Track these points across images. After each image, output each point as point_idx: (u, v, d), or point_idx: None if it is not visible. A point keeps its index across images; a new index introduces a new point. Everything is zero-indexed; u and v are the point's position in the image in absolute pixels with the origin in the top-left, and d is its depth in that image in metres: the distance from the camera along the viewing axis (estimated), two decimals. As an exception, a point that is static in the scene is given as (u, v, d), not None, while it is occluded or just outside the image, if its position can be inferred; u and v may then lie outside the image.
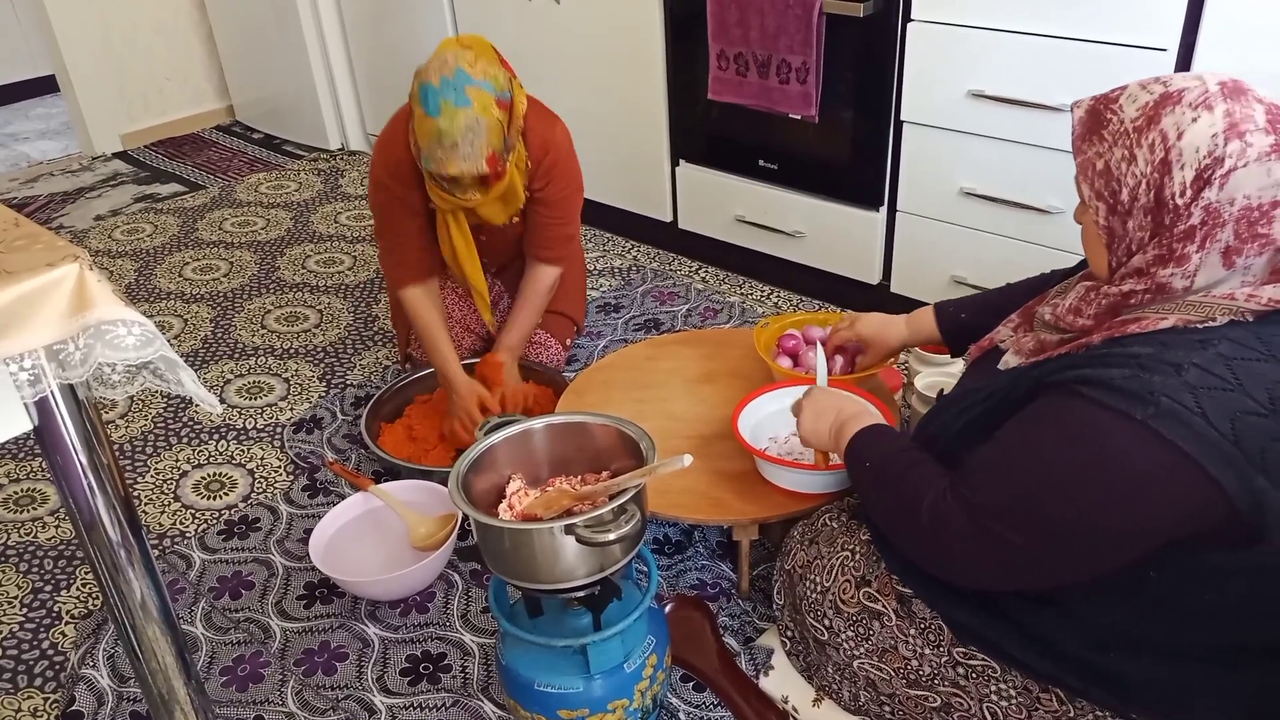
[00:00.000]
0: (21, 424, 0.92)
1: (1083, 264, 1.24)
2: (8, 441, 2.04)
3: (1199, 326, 0.96)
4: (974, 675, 1.15)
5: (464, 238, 1.92)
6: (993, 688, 1.14)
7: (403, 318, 2.15)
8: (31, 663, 1.59)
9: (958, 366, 1.81)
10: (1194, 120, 0.95)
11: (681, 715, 1.42)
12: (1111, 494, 0.94)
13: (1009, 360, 1.16)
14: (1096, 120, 1.03)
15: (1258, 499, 0.91)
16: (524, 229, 2.01)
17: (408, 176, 1.83)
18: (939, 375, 1.87)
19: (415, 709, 1.46)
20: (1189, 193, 0.95)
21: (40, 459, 2.05)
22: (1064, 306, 1.10)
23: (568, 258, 2.03)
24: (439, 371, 1.96)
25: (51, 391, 0.90)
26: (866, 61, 2.11)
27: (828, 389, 1.43)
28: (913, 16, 2.01)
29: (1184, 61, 1.73)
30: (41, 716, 1.50)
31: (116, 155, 3.81)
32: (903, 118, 2.11)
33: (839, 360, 1.73)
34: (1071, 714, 1.10)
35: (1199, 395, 0.91)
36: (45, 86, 4.45)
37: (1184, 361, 0.93)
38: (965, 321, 1.48)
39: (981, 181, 2.06)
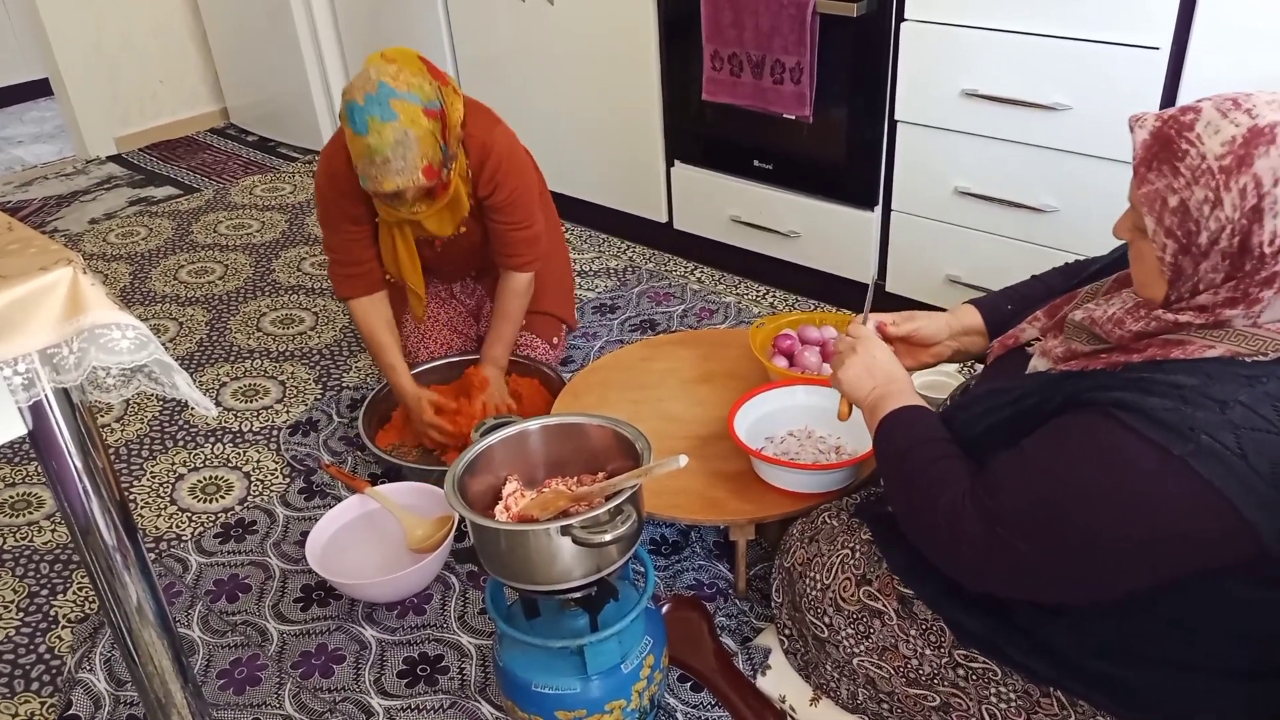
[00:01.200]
0: (16, 428, 0.91)
1: (1115, 261, 1.20)
2: (2, 445, 2.04)
3: (1248, 360, 0.92)
4: (974, 677, 1.15)
5: (409, 251, 1.92)
6: (993, 690, 1.14)
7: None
8: (28, 667, 1.59)
9: (952, 366, 1.81)
10: None
11: (679, 715, 1.42)
12: (1136, 522, 0.92)
13: (1036, 364, 1.13)
14: (1168, 149, 0.95)
15: None
16: (482, 237, 1.99)
17: (350, 189, 1.80)
18: (936, 374, 1.87)
19: (413, 711, 1.46)
20: (1279, 241, 0.91)
21: (36, 463, 2.05)
22: (1104, 314, 1.04)
23: (540, 258, 2.00)
24: (391, 381, 1.97)
25: (46, 395, 0.90)
26: (860, 61, 2.11)
27: (885, 346, 1.31)
28: (906, 16, 2.01)
29: (1176, 61, 1.73)
30: (38, 721, 1.50)
31: (111, 158, 3.81)
32: (897, 117, 2.11)
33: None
34: (1072, 718, 1.10)
35: (1241, 436, 0.88)
36: (39, 90, 4.44)
37: (1230, 399, 0.89)
38: (1011, 313, 1.36)
39: (976, 181, 2.06)
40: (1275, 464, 0.88)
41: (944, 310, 1.45)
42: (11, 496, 1.98)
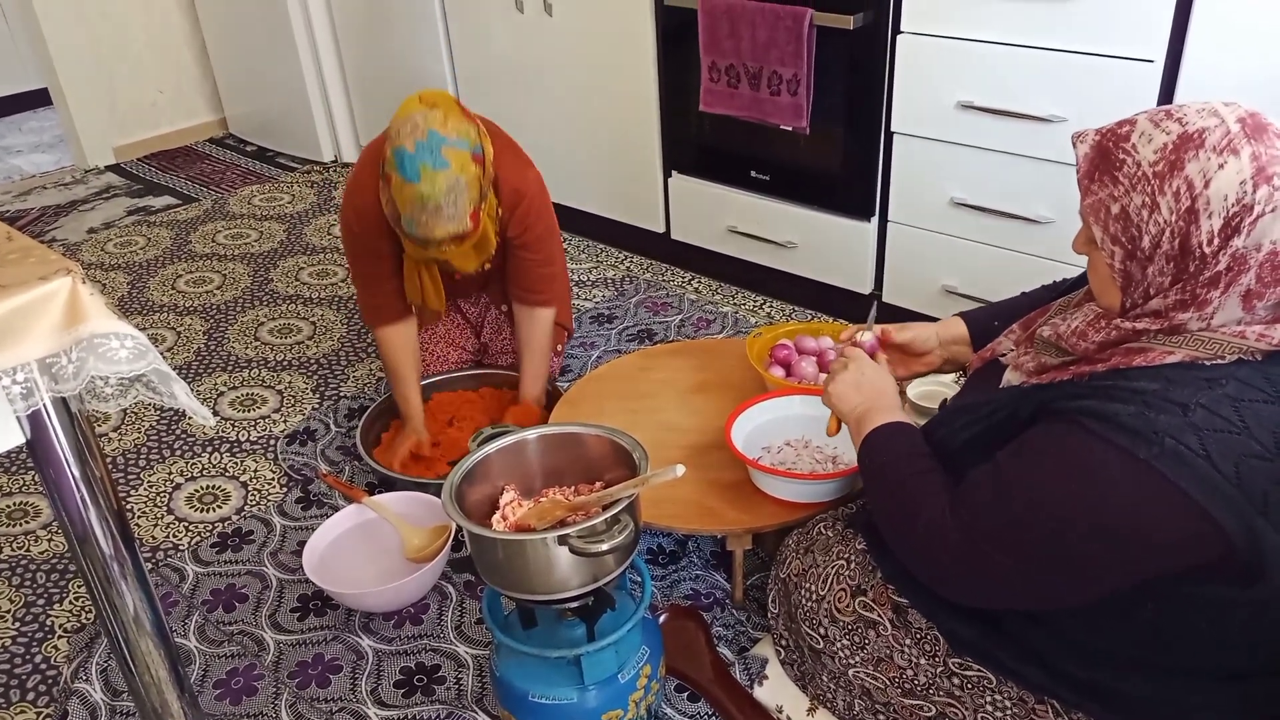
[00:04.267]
0: (14, 437, 0.92)
1: (1086, 278, 1.23)
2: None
3: (1207, 364, 0.95)
4: (969, 686, 1.15)
5: (434, 284, 1.93)
6: (988, 699, 1.14)
7: None
8: (24, 677, 1.59)
9: (948, 376, 1.82)
10: (1220, 166, 0.92)
11: (676, 726, 1.43)
12: (1106, 528, 0.94)
13: (1010, 378, 1.15)
14: (1106, 159, 0.99)
15: (1257, 540, 0.90)
16: (503, 271, 2.00)
17: (376, 223, 1.80)
18: (932, 384, 1.88)
19: (409, 721, 1.46)
20: (1216, 241, 0.93)
21: (33, 472, 2.05)
22: (1068, 328, 1.08)
23: (555, 296, 2.02)
24: (401, 411, 1.98)
25: (44, 405, 0.90)
26: (857, 73, 2.13)
27: (876, 364, 1.34)
28: (902, 29, 2.03)
29: (1170, 73, 1.74)
30: (34, 731, 1.50)
31: (109, 168, 3.81)
32: (893, 129, 2.12)
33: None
34: (1066, 727, 1.11)
35: (1204, 437, 0.90)
36: (38, 100, 4.45)
37: (1190, 401, 0.92)
38: (996, 329, 1.37)
39: (971, 192, 2.07)
40: (1239, 463, 0.90)
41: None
42: (8, 506, 1.98)
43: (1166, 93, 1.76)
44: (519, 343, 2.04)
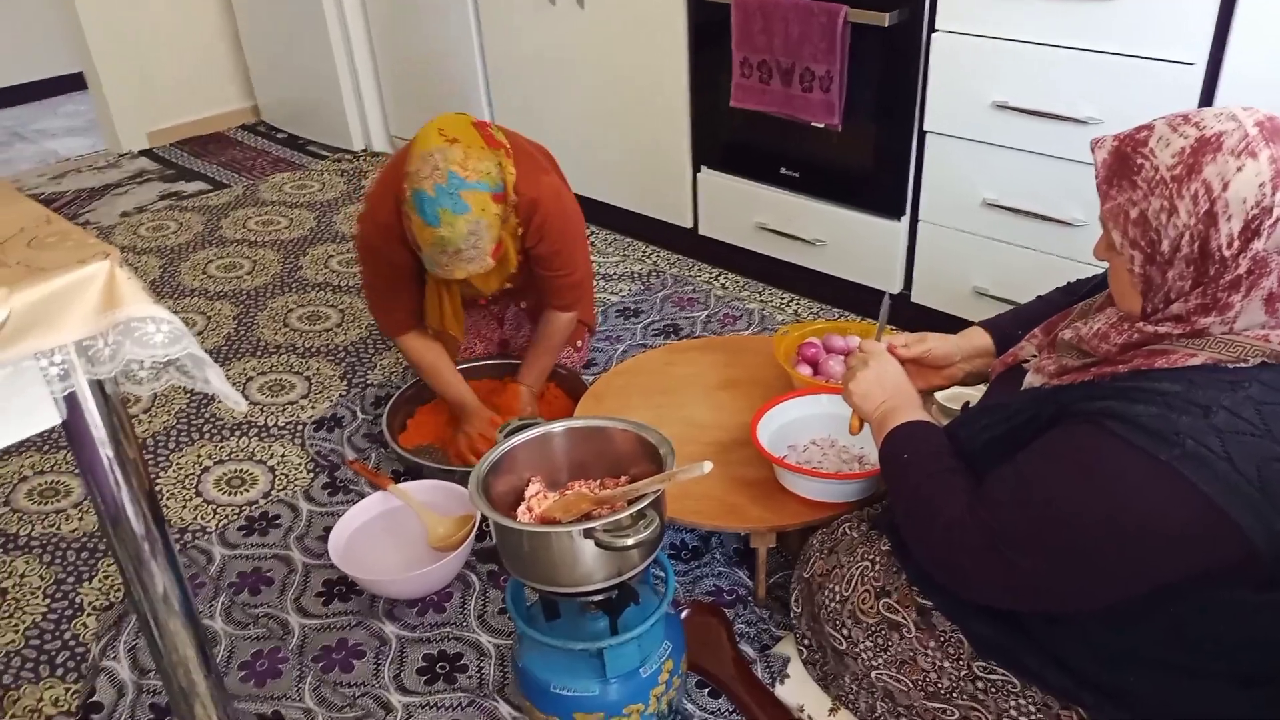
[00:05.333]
0: (51, 418, 0.93)
1: (1105, 279, 1.22)
2: (33, 435, 2.06)
3: (1230, 366, 0.94)
4: (993, 690, 1.15)
5: (454, 309, 1.91)
6: (1011, 703, 1.14)
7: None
8: (54, 653, 1.61)
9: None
10: (1239, 169, 0.92)
11: (696, 721, 1.43)
12: (1126, 530, 0.94)
13: (1031, 380, 1.15)
14: (1124, 164, 0.99)
15: (1278, 543, 0.90)
16: (521, 270, 1.97)
17: (397, 239, 1.78)
18: (960, 388, 1.86)
19: (431, 708, 1.46)
20: (1236, 244, 0.93)
21: (64, 452, 2.08)
22: (1090, 331, 1.07)
23: (578, 300, 2.01)
24: (454, 403, 1.97)
25: (81, 387, 0.91)
26: (890, 71, 2.11)
27: (896, 362, 1.33)
28: (937, 27, 2.01)
29: (1211, 77, 1.72)
30: (63, 706, 1.51)
31: (143, 153, 3.85)
32: (926, 127, 2.11)
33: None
34: (1092, 732, 1.10)
35: (1226, 439, 0.90)
36: (73, 84, 4.49)
37: (1212, 403, 0.91)
38: (1019, 337, 1.35)
39: (1004, 193, 2.05)
40: (1261, 466, 0.89)
41: (973, 323, 1.46)
42: (40, 484, 2.01)
43: (1206, 96, 1.74)
44: (536, 332, 2.04)
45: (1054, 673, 1.10)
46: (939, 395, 1.86)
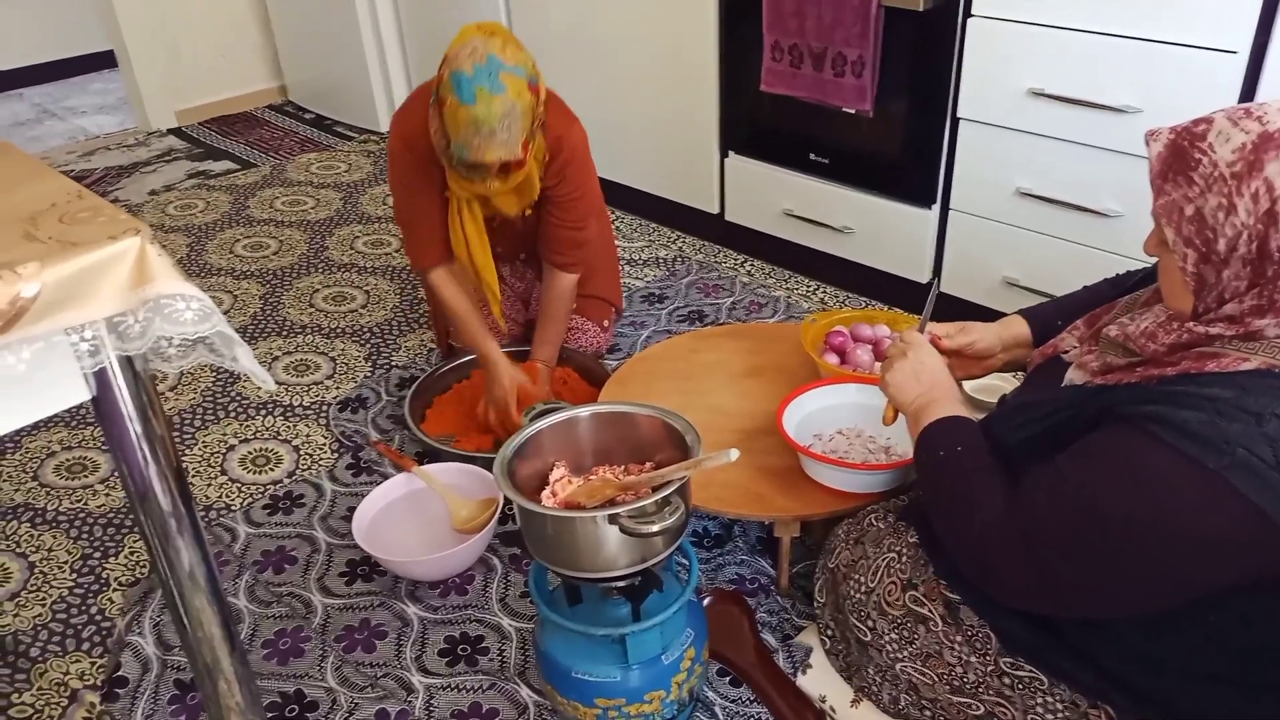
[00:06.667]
0: (80, 394, 0.93)
1: (1154, 272, 1.19)
2: (61, 410, 2.08)
3: None
4: (1020, 686, 1.13)
5: (476, 227, 1.90)
6: (1039, 700, 1.12)
7: (441, 313, 2.16)
8: (80, 627, 1.63)
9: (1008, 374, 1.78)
10: None
11: (717, 709, 1.42)
12: (1171, 539, 0.91)
13: (1072, 377, 1.12)
14: (1181, 158, 0.95)
15: None
16: (537, 224, 2.00)
17: (427, 154, 1.81)
18: (993, 377, 1.84)
19: (453, 690, 1.47)
20: None
21: (92, 427, 2.09)
22: (1138, 328, 1.04)
23: (583, 262, 2.02)
24: (478, 351, 1.95)
25: (110, 363, 0.91)
26: (924, 56, 2.08)
27: (936, 353, 1.31)
28: (973, 12, 1.98)
29: (1255, 66, 1.68)
30: (88, 680, 1.53)
31: (171, 131, 3.87)
32: (959, 114, 2.08)
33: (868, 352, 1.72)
34: (1120, 732, 1.08)
35: (1278, 449, 0.87)
36: (103, 62, 4.53)
37: (1265, 411, 0.88)
38: (1060, 328, 1.34)
39: (1039, 182, 2.02)
40: None
41: (1003, 314, 1.43)
42: (68, 460, 2.02)
43: (1249, 86, 1.70)
44: (540, 304, 2.04)
45: (1086, 673, 1.08)
46: (968, 388, 1.84)
